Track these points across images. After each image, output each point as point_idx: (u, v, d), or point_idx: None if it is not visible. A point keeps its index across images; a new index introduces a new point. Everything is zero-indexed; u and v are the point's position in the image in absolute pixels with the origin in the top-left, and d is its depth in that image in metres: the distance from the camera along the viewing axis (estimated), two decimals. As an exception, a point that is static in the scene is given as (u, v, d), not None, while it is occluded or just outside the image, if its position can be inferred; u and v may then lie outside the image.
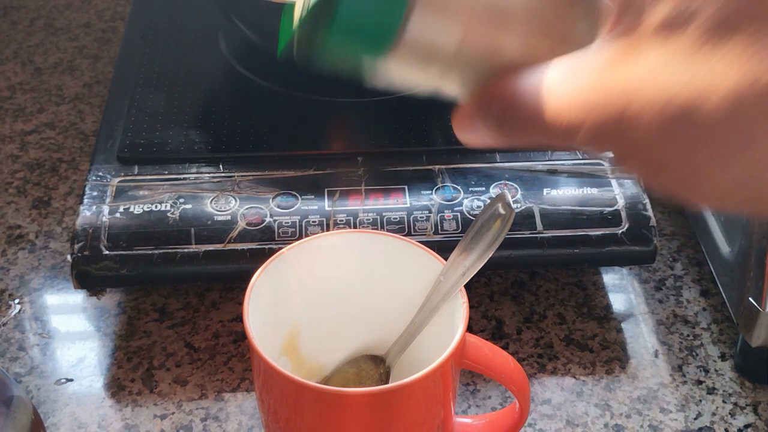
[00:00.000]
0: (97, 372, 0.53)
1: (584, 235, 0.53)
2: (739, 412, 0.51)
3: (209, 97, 0.64)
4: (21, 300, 0.57)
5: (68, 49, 0.79)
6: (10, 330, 0.55)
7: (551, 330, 0.55)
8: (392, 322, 0.47)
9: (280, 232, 0.52)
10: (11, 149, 0.68)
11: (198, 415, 0.50)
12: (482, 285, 0.58)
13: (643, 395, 0.52)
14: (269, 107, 0.62)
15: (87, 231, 0.52)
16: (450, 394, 0.43)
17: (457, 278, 0.44)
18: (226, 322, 0.56)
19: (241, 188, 0.55)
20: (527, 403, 0.43)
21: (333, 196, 0.54)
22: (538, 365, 0.53)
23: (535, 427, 0.50)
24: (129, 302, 0.57)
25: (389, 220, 0.53)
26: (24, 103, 0.73)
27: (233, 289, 0.57)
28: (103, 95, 0.73)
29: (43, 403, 0.51)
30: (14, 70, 0.76)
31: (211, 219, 0.53)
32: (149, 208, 0.53)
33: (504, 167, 0.57)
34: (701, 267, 0.60)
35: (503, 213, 0.47)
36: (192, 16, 0.71)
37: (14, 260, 0.59)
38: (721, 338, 0.56)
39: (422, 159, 0.57)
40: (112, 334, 0.55)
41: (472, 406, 0.51)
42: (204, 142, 0.58)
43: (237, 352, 0.54)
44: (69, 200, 0.64)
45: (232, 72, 0.65)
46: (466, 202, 0.54)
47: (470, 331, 0.43)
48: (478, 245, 0.46)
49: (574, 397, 0.52)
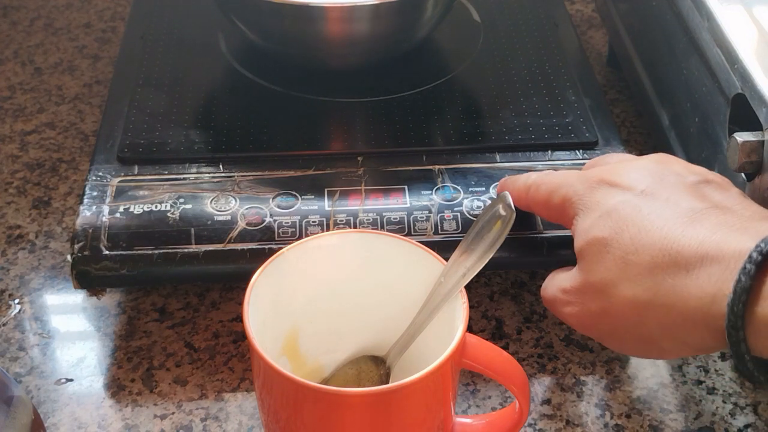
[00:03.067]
0: (97, 372, 0.53)
1: (584, 235, 0.53)
2: (739, 412, 0.51)
3: (209, 97, 0.64)
4: (21, 300, 0.57)
5: (68, 49, 0.79)
6: (10, 330, 0.55)
7: (551, 330, 0.55)
8: (392, 323, 0.47)
9: (280, 232, 0.52)
10: (11, 149, 0.68)
11: (198, 415, 0.50)
12: (482, 285, 0.58)
13: (643, 395, 0.52)
14: (269, 107, 0.62)
15: (87, 231, 0.52)
16: (450, 394, 0.43)
17: (458, 279, 0.44)
18: (226, 322, 0.56)
19: (241, 188, 0.55)
20: (527, 403, 0.43)
21: (333, 196, 0.54)
22: (538, 365, 0.53)
23: (535, 427, 0.50)
24: (129, 302, 0.57)
25: (389, 220, 0.53)
26: (24, 103, 0.73)
27: (233, 289, 0.57)
28: (103, 95, 0.73)
29: (43, 403, 0.51)
30: (14, 70, 0.76)
31: (211, 219, 0.53)
32: (149, 208, 0.53)
33: (504, 167, 0.57)
34: (701, 267, 0.60)
35: (504, 214, 0.47)
36: (192, 16, 0.71)
37: (14, 260, 0.59)
38: (721, 338, 0.56)
39: (422, 159, 0.57)
40: (112, 334, 0.55)
41: (472, 406, 0.51)
42: (204, 142, 0.58)
43: (237, 352, 0.54)
44: (69, 200, 0.64)
45: (232, 72, 0.65)
46: (466, 203, 0.54)
47: (470, 331, 0.43)
48: (478, 246, 0.46)
49: (574, 397, 0.52)
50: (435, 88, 0.64)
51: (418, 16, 0.62)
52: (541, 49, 0.67)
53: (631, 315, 0.41)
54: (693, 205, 0.41)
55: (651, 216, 0.41)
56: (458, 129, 0.60)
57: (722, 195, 0.42)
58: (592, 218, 0.43)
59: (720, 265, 0.37)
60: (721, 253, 0.38)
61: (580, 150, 0.58)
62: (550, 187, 0.46)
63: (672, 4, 0.59)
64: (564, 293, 0.45)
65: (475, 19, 0.71)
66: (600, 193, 0.43)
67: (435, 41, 0.69)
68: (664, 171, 0.43)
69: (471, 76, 0.66)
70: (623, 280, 0.41)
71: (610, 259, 0.41)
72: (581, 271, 0.43)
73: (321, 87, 0.63)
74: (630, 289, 0.41)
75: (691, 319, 0.39)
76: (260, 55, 0.66)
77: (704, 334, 0.39)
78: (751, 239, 0.37)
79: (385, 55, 0.64)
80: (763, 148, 0.46)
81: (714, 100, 0.52)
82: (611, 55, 0.76)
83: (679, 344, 0.41)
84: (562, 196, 0.45)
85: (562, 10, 0.73)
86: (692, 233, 0.39)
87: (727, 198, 0.42)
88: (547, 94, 0.63)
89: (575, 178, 0.45)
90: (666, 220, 0.40)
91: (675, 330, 0.40)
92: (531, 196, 0.48)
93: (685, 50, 0.57)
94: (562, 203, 0.45)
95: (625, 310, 0.41)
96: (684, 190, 0.42)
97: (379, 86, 0.63)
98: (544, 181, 0.47)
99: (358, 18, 0.59)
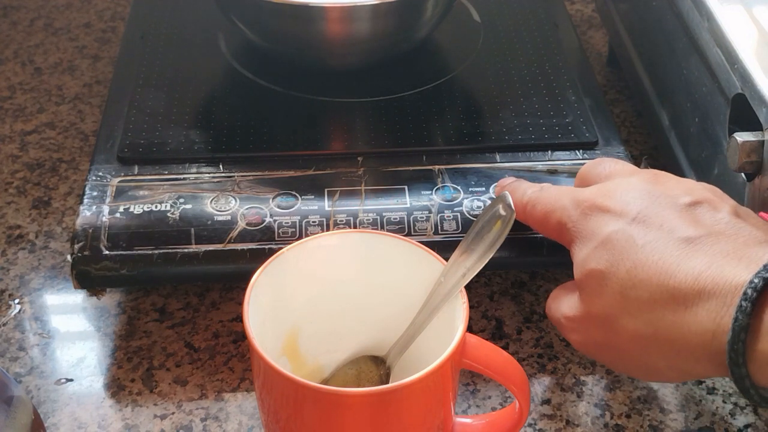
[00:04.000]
0: (97, 372, 0.53)
1: (584, 235, 0.53)
2: (739, 412, 0.51)
3: (209, 97, 0.64)
4: (21, 300, 0.57)
5: (68, 49, 0.79)
6: (10, 330, 0.55)
7: (551, 330, 0.55)
8: (392, 323, 0.47)
9: (280, 232, 0.52)
10: (11, 149, 0.68)
11: (198, 415, 0.50)
12: (482, 285, 0.58)
13: (643, 395, 0.52)
14: (269, 107, 0.62)
15: (87, 231, 0.52)
16: (450, 394, 0.43)
17: (458, 279, 0.44)
18: (226, 322, 0.56)
19: (241, 188, 0.55)
20: (527, 403, 0.43)
21: (333, 196, 0.54)
22: (538, 365, 0.53)
23: (535, 427, 0.50)
24: (129, 302, 0.57)
25: (389, 220, 0.53)
26: (24, 103, 0.73)
27: (233, 289, 0.57)
28: (103, 95, 0.73)
29: (43, 403, 0.51)
30: (14, 70, 0.76)
31: (211, 219, 0.53)
32: (149, 208, 0.53)
33: (504, 167, 0.57)
34: (701, 267, 0.60)
35: (504, 214, 0.47)
36: (192, 16, 0.71)
37: (14, 260, 0.59)
38: (721, 338, 0.56)
39: (422, 159, 0.57)
40: (112, 334, 0.55)
41: (472, 406, 0.51)
42: (204, 142, 0.58)
43: (237, 352, 0.54)
44: (69, 200, 0.64)
45: (232, 72, 0.65)
46: (466, 203, 0.54)
47: (470, 331, 0.43)
48: (478, 246, 0.46)
49: (574, 397, 0.52)
50: (435, 88, 0.64)
51: (418, 16, 0.62)
52: (541, 49, 0.67)
53: (634, 347, 0.42)
54: (687, 233, 0.41)
55: (646, 248, 0.41)
56: (458, 129, 0.60)
57: (714, 217, 0.42)
58: (588, 249, 0.43)
59: (717, 300, 0.38)
60: (717, 288, 0.38)
61: (580, 150, 0.58)
62: (545, 208, 0.47)
63: (672, 4, 0.59)
64: (567, 321, 0.45)
65: (475, 19, 0.71)
66: (594, 221, 0.44)
67: (435, 41, 0.69)
68: (656, 192, 0.43)
69: (471, 76, 0.66)
70: (624, 315, 0.41)
71: (609, 293, 0.42)
72: (583, 303, 0.44)
73: (321, 87, 0.63)
74: (632, 323, 0.41)
75: (693, 354, 0.39)
76: (260, 55, 0.66)
77: (707, 366, 0.39)
78: (746, 269, 0.38)
79: (385, 55, 0.64)
80: (763, 148, 0.46)
81: (714, 100, 0.52)
82: (611, 55, 0.76)
83: (684, 373, 0.42)
84: (557, 220, 0.46)
85: (562, 10, 0.73)
86: (688, 267, 0.39)
87: (719, 221, 0.41)
88: (547, 94, 0.63)
89: (568, 200, 0.46)
90: (661, 253, 0.40)
91: (678, 362, 0.41)
92: (528, 214, 0.48)
93: (685, 50, 0.57)
94: (558, 227, 0.46)
95: (629, 342, 0.42)
96: (677, 216, 0.42)
97: (379, 86, 0.63)
98: (540, 201, 0.47)
99: (358, 18, 0.59)
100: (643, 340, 0.41)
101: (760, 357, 0.37)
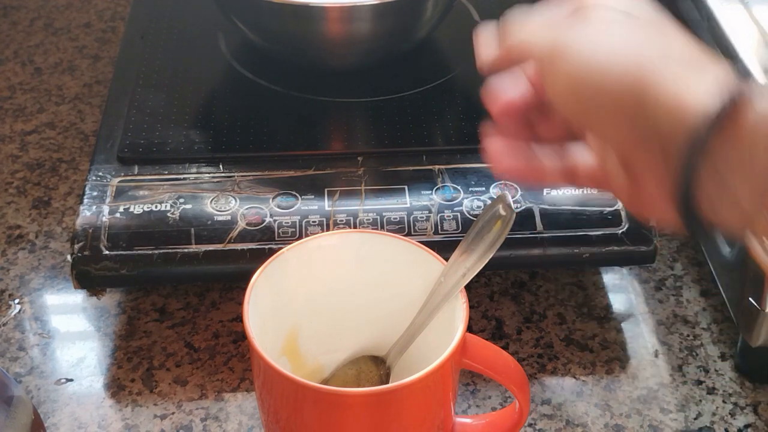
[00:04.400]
0: (97, 372, 0.53)
1: (584, 235, 0.53)
2: (739, 412, 0.51)
3: (209, 97, 0.64)
4: (21, 300, 0.57)
5: (68, 49, 0.79)
6: (10, 330, 0.55)
7: (551, 330, 0.55)
8: (392, 323, 0.47)
9: (280, 232, 0.52)
10: (11, 149, 0.68)
11: (198, 415, 0.50)
12: (482, 285, 0.58)
13: (643, 395, 0.52)
14: (269, 107, 0.62)
15: (87, 231, 0.52)
16: (450, 394, 0.43)
17: (458, 279, 0.44)
18: (226, 322, 0.56)
19: (241, 188, 0.55)
20: (527, 403, 0.43)
21: (333, 196, 0.54)
22: (538, 365, 0.53)
23: (535, 427, 0.50)
24: (129, 302, 0.57)
25: (389, 220, 0.53)
26: (24, 103, 0.73)
27: (233, 289, 0.57)
28: (103, 95, 0.73)
29: (43, 403, 0.51)
30: (14, 70, 0.76)
31: (211, 219, 0.53)
32: (149, 208, 0.53)
33: (504, 167, 0.57)
34: (701, 267, 0.60)
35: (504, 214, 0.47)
36: (192, 16, 0.71)
37: (14, 260, 0.59)
38: (721, 338, 0.56)
39: (422, 159, 0.57)
40: (112, 334, 0.55)
41: (472, 406, 0.51)
42: (204, 142, 0.58)
43: (237, 352, 0.54)
44: (69, 200, 0.64)
45: (232, 72, 0.65)
46: (466, 202, 0.54)
47: (470, 331, 0.43)
48: (478, 246, 0.46)
49: (574, 397, 0.52)
50: (435, 88, 0.64)
51: (418, 16, 0.62)
52: (541, 49, 0.67)
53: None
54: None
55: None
56: (458, 129, 0.60)
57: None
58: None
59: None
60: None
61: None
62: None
63: (672, 4, 0.58)
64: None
65: (475, 19, 0.71)
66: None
67: (435, 41, 0.69)
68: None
69: (471, 76, 0.65)
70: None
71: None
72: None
73: (321, 87, 0.63)
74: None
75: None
76: (260, 55, 0.66)
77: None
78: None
79: (385, 55, 0.64)
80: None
81: (714, 100, 0.52)
82: (611, 55, 0.76)
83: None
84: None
85: (562, 10, 0.72)
86: None
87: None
88: (547, 94, 0.63)
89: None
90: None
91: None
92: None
93: (685, 50, 0.57)
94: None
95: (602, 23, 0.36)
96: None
97: (379, 86, 0.63)
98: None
99: (358, 18, 0.59)
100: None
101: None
